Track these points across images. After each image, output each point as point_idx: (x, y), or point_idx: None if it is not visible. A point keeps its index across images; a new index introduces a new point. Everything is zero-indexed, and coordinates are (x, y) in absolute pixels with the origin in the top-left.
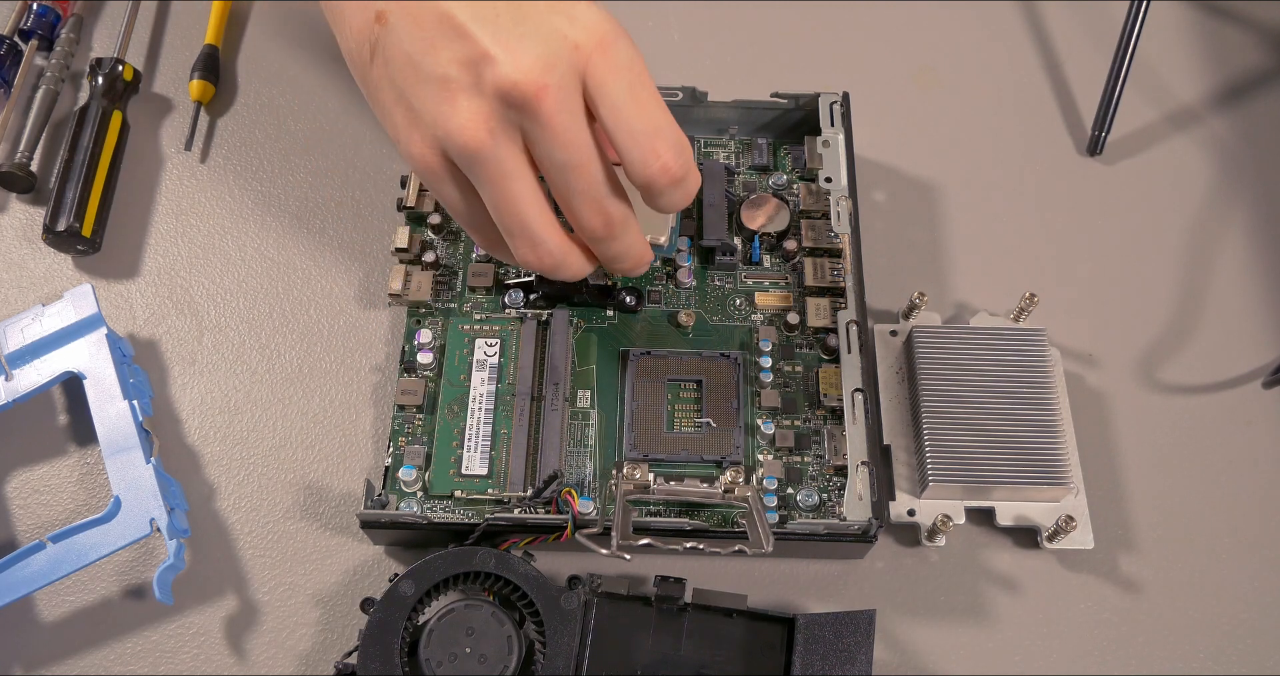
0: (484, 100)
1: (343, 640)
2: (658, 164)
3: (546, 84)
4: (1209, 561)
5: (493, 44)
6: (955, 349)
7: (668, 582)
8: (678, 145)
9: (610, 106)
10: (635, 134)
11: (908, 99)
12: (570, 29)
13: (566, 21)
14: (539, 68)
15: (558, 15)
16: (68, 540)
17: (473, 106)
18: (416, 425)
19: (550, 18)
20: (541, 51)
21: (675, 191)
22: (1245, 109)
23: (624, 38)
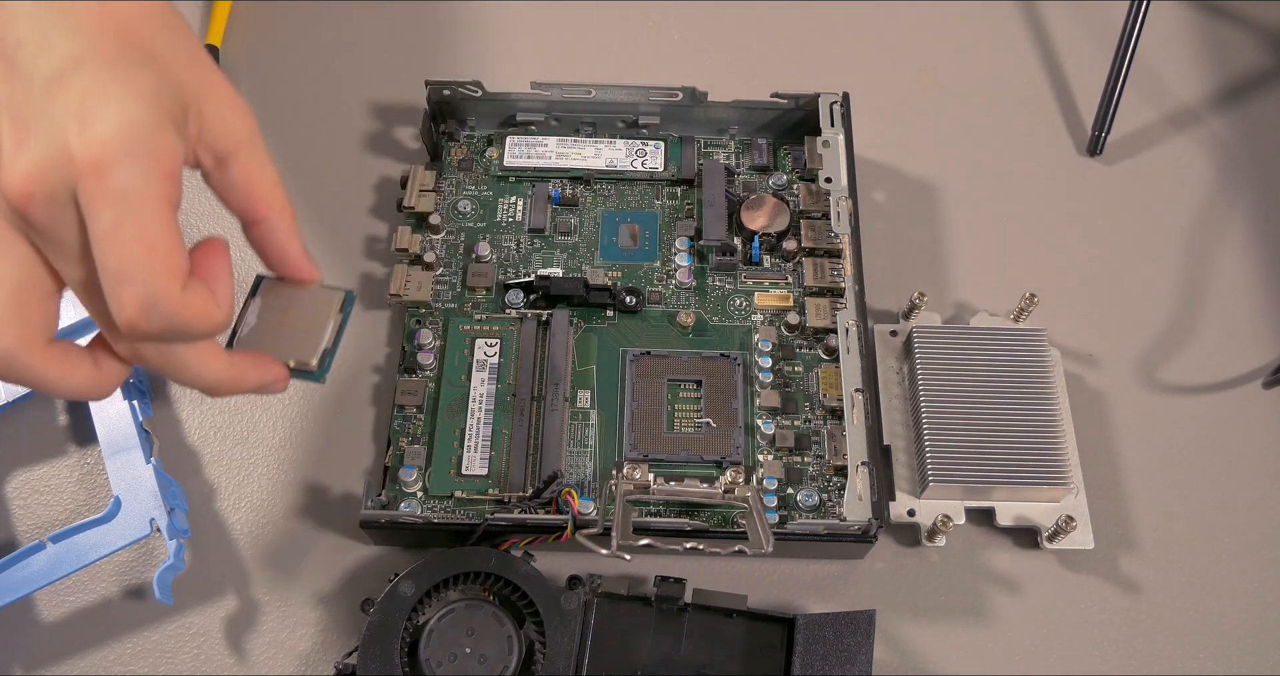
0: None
1: (343, 640)
2: (122, 315)
3: (31, 193)
4: (1209, 561)
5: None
6: (955, 349)
7: (668, 583)
8: (145, 298)
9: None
10: (104, 273)
11: (908, 99)
12: (77, 137)
13: (79, 127)
14: (28, 173)
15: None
16: (68, 540)
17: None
18: (416, 425)
19: (66, 121)
20: (39, 156)
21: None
22: (1245, 109)
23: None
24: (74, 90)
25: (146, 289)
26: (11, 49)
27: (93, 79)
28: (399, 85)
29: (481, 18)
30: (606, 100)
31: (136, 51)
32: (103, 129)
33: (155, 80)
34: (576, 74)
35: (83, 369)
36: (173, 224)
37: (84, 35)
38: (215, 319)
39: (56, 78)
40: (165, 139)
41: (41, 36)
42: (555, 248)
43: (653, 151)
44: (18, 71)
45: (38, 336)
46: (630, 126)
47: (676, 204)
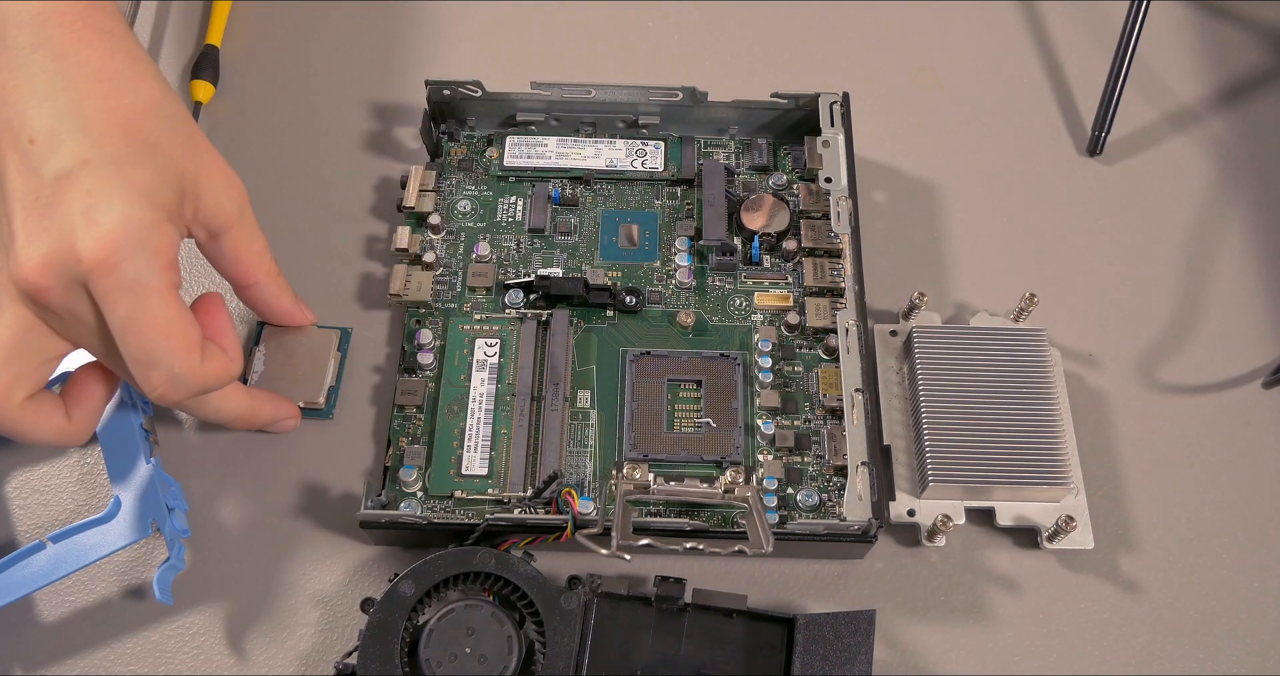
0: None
1: (343, 640)
2: (154, 393)
3: (47, 286)
4: (1209, 561)
5: (19, 228)
6: (955, 349)
7: (668, 583)
8: (171, 378)
9: (112, 329)
10: (130, 360)
11: (908, 99)
12: (84, 235)
13: (84, 226)
14: (42, 267)
15: (80, 216)
16: (68, 540)
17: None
18: (416, 425)
19: (74, 219)
20: (50, 251)
21: (191, 409)
22: (1245, 109)
23: (140, 251)
24: (80, 189)
25: (171, 370)
26: (24, 144)
27: (97, 179)
28: (399, 85)
29: (481, 18)
30: (606, 100)
31: (139, 145)
32: (107, 228)
33: (155, 175)
34: (576, 74)
35: (55, 421)
36: (181, 306)
37: (91, 133)
38: (232, 372)
39: (65, 176)
40: (163, 233)
41: (51, 134)
42: (555, 248)
43: (653, 151)
44: (30, 167)
45: (19, 392)
46: (630, 126)
47: (676, 204)
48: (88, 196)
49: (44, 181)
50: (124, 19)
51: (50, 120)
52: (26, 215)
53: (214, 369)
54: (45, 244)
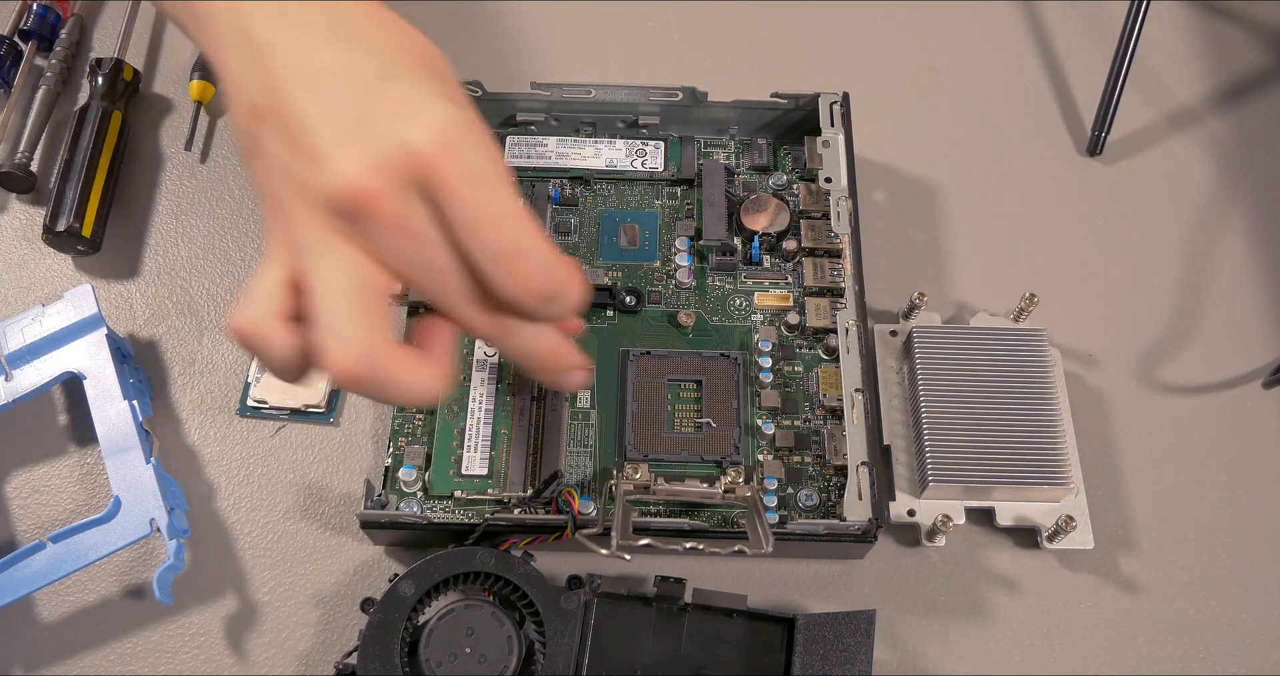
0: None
1: (343, 640)
2: (522, 287)
3: (377, 191)
4: (1209, 561)
5: (329, 145)
6: (955, 349)
7: (668, 583)
8: (544, 263)
9: (458, 224)
10: (490, 254)
11: (908, 99)
12: (411, 132)
13: (409, 123)
14: (369, 173)
15: (401, 117)
16: (68, 540)
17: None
18: (416, 425)
19: (394, 120)
20: (376, 155)
21: (550, 308)
22: (1245, 109)
23: (477, 141)
24: (391, 96)
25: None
26: (312, 75)
27: (408, 85)
28: None
29: (481, 18)
30: (606, 100)
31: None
32: (437, 120)
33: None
34: (576, 74)
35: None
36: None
37: (385, 55)
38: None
39: (371, 88)
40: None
41: (345, 60)
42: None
43: (653, 151)
44: (323, 93)
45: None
46: (630, 126)
47: (676, 204)
48: (402, 101)
49: (345, 100)
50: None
51: (338, 51)
52: (335, 132)
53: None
54: (368, 149)
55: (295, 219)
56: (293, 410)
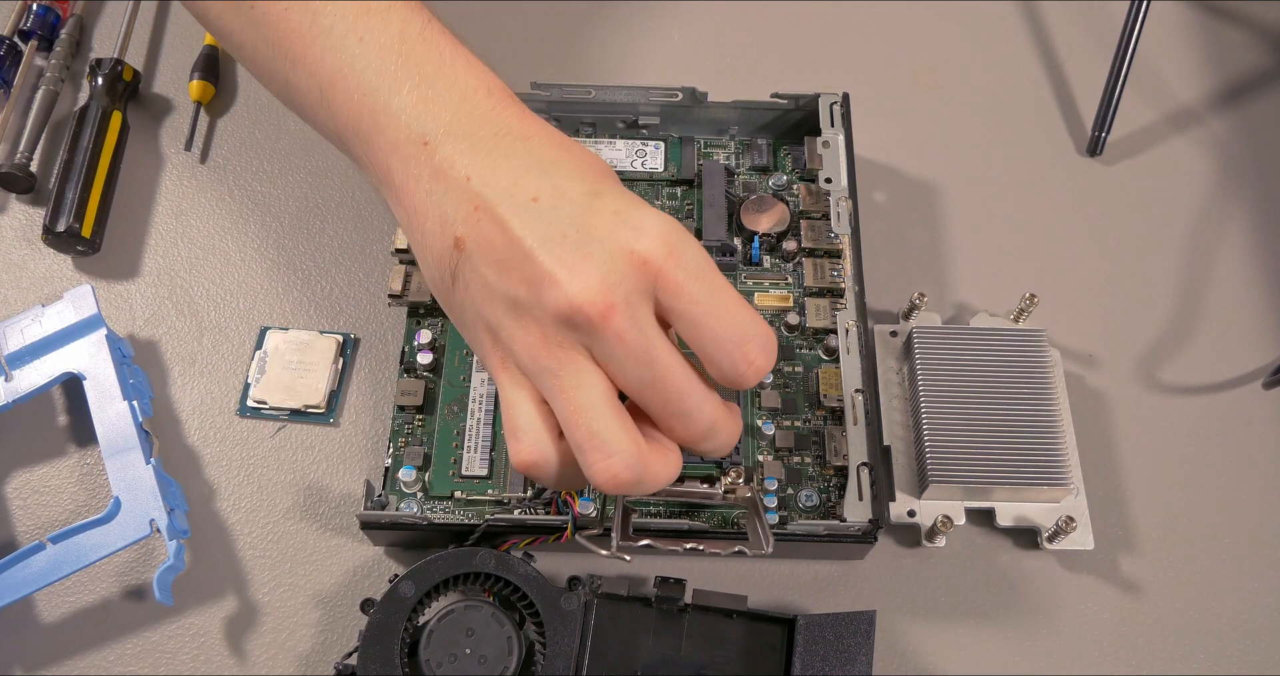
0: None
1: (342, 641)
2: (751, 370)
3: (612, 303)
4: (1209, 561)
5: (557, 266)
6: (955, 349)
7: (668, 583)
8: (767, 346)
9: (688, 320)
10: (722, 343)
11: (908, 99)
12: (636, 242)
13: (632, 234)
14: (602, 288)
15: (624, 229)
16: (68, 541)
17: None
18: (416, 425)
19: (616, 233)
20: (606, 270)
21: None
22: (1245, 109)
23: (691, 241)
24: (607, 211)
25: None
26: (526, 204)
27: (618, 200)
28: None
29: (483, 18)
30: (606, 100)
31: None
32: (655, 225)
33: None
34: (576, 74)
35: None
36: None
37: (588, 177)
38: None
39: (588, 207)
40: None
41: (554, 187)
42: None
43: (653, 152)
44: (539, 218)
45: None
46: (630, 127)
47: (676, 204)
48: (618, 215)
49: (564, 221)
50: None
51: (545, 178)
52: (559, 252)
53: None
54: (597, 265)
55: (526, 343)
56: (292, 410)
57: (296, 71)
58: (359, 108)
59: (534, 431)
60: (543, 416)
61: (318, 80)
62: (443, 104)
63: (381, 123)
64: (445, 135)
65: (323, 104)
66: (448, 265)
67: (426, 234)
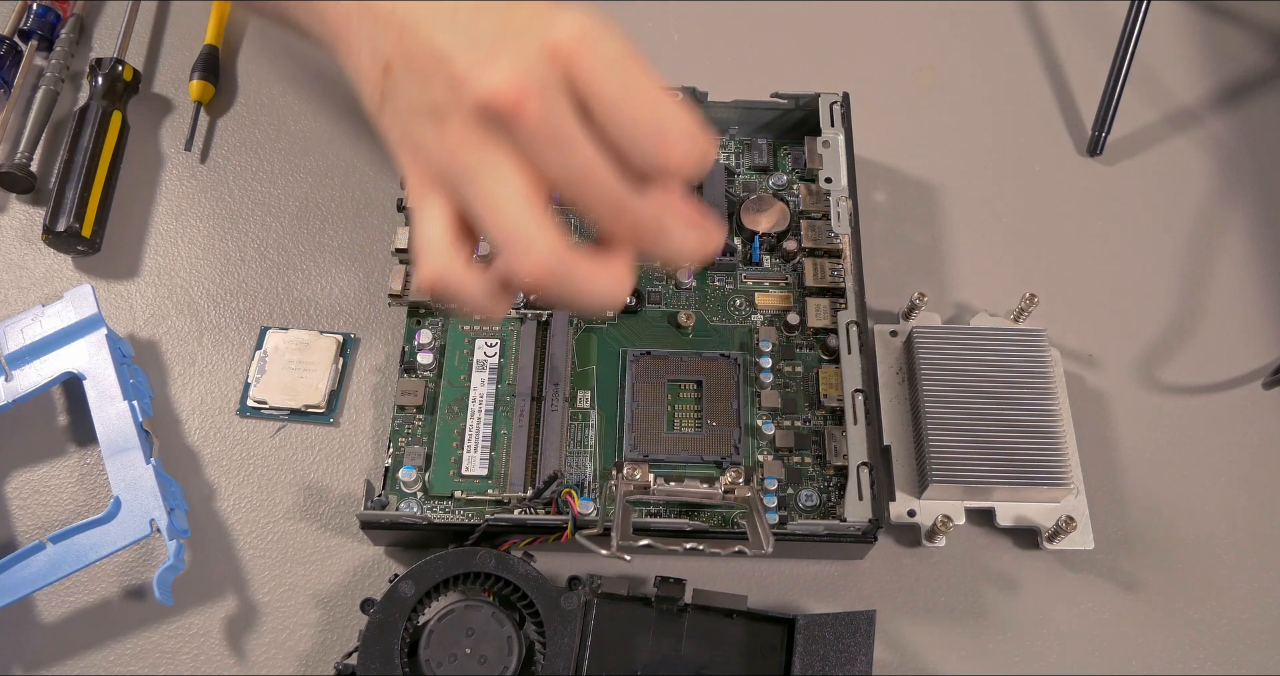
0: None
1: (343, 641)
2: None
3: (526, 91)
4: (1209, 561)
5: (471, 63)
6: (955, 349)
7: (668, 583)
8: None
9: (604, 106)
10: (637, 134)
11: (908, 99)
12: (548, 32)
13: (545, 25)
14: (513, 78)
15: (538, 21)
16: (68, 540)
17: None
18: (416, 425)
19: (529, 26)
20: (518, 61)
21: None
22: (1245, 109)
23: (609, 31)
24: (524, 12)
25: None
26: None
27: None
28: None
29: None
30: None
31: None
32: (572, 19)
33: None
34: None
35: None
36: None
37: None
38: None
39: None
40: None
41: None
42: None
43: None
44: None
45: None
46: None
47: None
48: (535, 12)
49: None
50: None
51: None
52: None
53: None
54: (509, 56)
55: (446, 147)
56: (293, 410)
57: None
58: None
59: (439, 245)
60: (451, 231)
61: None
62: None
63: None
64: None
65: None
66: (378, 92)
67: (361, 68)
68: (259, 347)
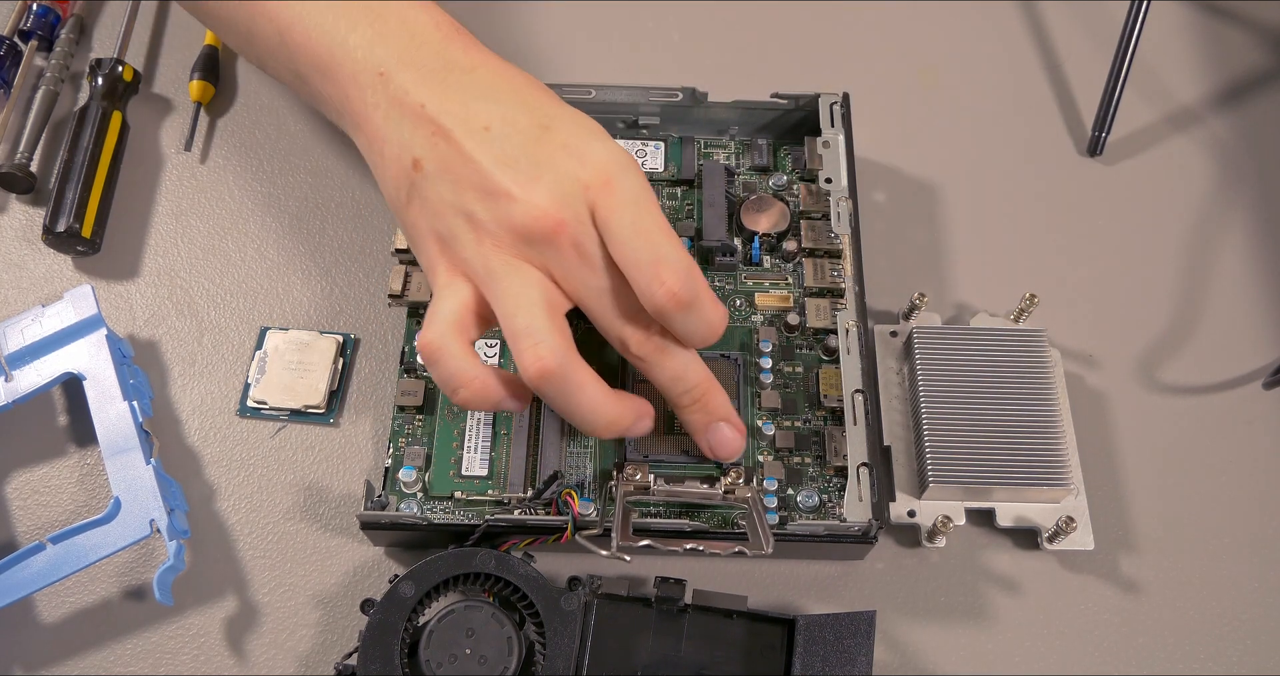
0: (504, 234)
1: (343, 641)
2: (662, 290)
3: (562, 220)
4: (1209, 561)
5: (511, 184)
6: (955, 349)
7: (668, 583)
8: (682, 271)
9: (615, 239)
10: (639, 263)
11: (908, 99)
12: (580, 170)
13: (577, 163)
14: (553, 205)
15: (570, 158)
16: (68, 541)
17: (494, 238)
18: (416, 426)
19: (563, 160)
20: (554, 191)
21: (687, 316)
22: (1245, 109)
23: (630, 172)
24: (557, 141)
25: (681, 263)
26: (480, 131)
27: (568, 131)
28: None
29: (481, 18)
30: (606, 100)
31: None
32: (597, 157)
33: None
34: (576, 74)
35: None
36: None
37: (533, 107)
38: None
39: (539, 136)
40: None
41: (504, 117)
42: None
43: (653, 152)
44: (491, 144)
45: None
46: (630, 127)
47: (676, 204)
48: (566, 144)
49: (516, 147)
50: None
51: (495, 108)
52: (512, 173)
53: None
54: (547, 186)
55: (481, 249)
56: (293, 411)
57: (257, 20)
58: (317, 46)
59: (445, 322)
60: (464, 312)
61: (277, 26)
62: (395, 38)
63: (339, 57)
64: (398, 66)
65: (283, 47)
66: (405, 184)
67: (386, 156)
68: (259, 348)
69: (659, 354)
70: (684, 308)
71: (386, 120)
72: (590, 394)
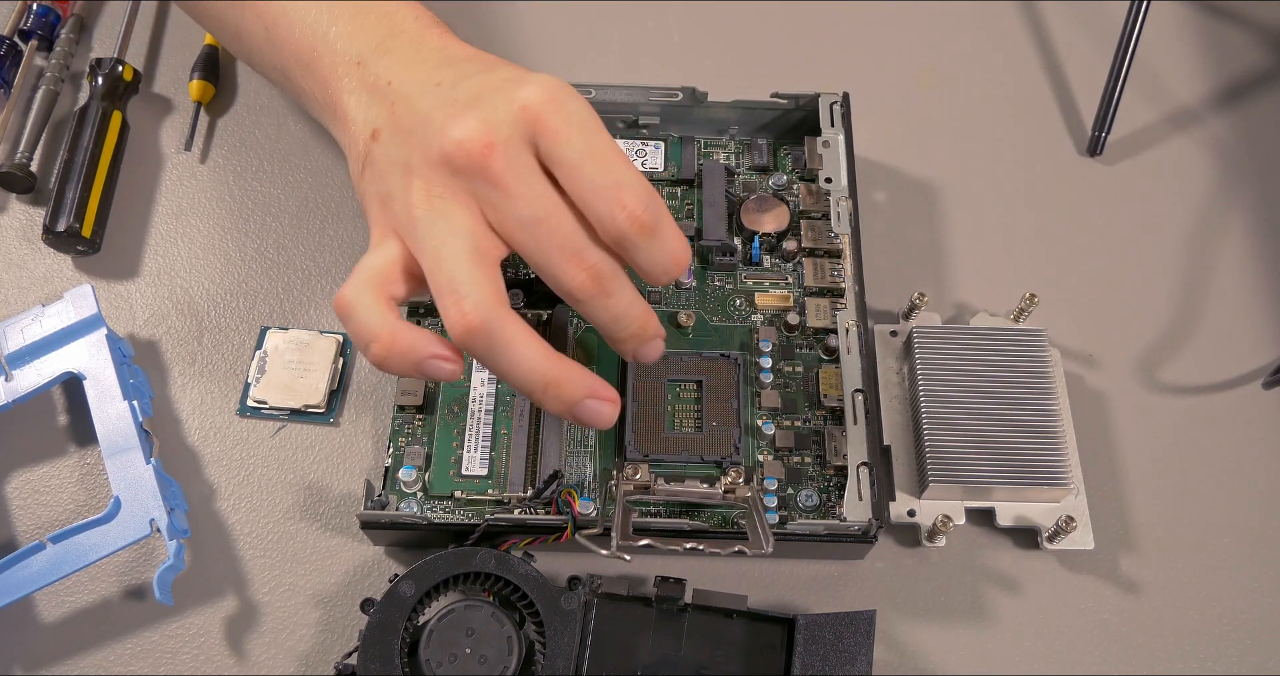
0: (433, 170)
1: (343, 640)
2: (624, 213)
3: (491, 142)
4: (1209, 561)
5: (444, 117)
6: (955, 349)
7: (668, 583)
8: (644, 194)
9: (566, 166)
10: (596, 187)
11: (908, 99)
12: (519, 92)
13: (515, 88)
14: (481, 129)
15: (510, 85)
16: (68, 540)
17: (424, 181)
18: (416, 425)
19: (502, 88)
20: (486, 115)
21: (651, 243)
22: (1245, 109)
23: (576, 96)
24: (500, 78)
25: (641, 186)
26: (431, 87)
27: (514, 69)
28: None
29: (481, 18)
30: (606, 100)
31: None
32: (542, 81)
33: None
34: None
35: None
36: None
37: (495, 67)
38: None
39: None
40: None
41: (459, 73)
42: None
43: (653, 151)
44: (439, 92)
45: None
46: (630, 126)
47: (676, 204)
48: (509, 80)
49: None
50: None
51: (452, 69)
52: (450, 109)
53: (674, 225)
54: (479, 111)
55: (410, 198)
56: (293, 410)
57: (245, 17)
58: (300, 41)
59: (361, 277)
60: (383, 271)
61: (264, 22)
62: (374, 30)
63: (320, 50)
64: (374, 53)
65: (269, 44)
66: (363, 156)
67: (353, 136)
68: (259, 348)
69: (601, 295)
70: (648, 233)
71: (357, 104)
72: (521, 351)
